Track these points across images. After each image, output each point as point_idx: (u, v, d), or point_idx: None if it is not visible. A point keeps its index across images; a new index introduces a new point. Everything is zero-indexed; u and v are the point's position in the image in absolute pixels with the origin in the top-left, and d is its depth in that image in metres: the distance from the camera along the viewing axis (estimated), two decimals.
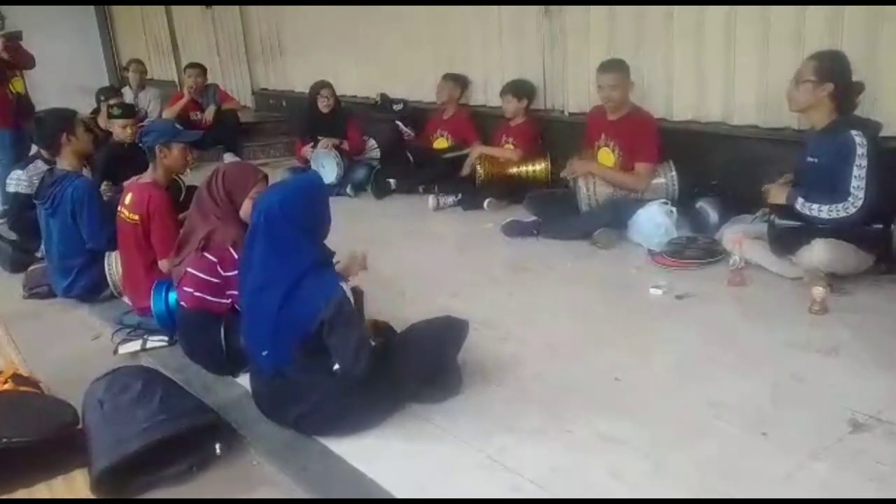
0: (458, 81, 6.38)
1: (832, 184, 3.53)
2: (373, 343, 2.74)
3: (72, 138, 4.28)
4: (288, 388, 2.74)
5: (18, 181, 5.14)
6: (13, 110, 6.59)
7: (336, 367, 2.66)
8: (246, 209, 3.27)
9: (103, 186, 4.88)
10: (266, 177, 3.43)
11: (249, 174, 3.42)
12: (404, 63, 7.18)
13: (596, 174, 4.74)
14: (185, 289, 3.27)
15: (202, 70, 8.14)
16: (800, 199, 3.62)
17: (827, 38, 4.10)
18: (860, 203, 3.46)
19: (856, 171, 3.45)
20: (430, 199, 5.75)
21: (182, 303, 3.32)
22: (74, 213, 4.17)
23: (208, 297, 3.23)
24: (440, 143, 6.39)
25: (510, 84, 5.81)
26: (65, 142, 4.27)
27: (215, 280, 3.22)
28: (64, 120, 4.33)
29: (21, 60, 6.75)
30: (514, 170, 5.67)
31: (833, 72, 3.60)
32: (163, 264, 3.73)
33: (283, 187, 2.92)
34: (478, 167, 5.71)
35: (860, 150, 3.45)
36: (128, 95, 7.82)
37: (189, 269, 3.27)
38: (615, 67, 4.67)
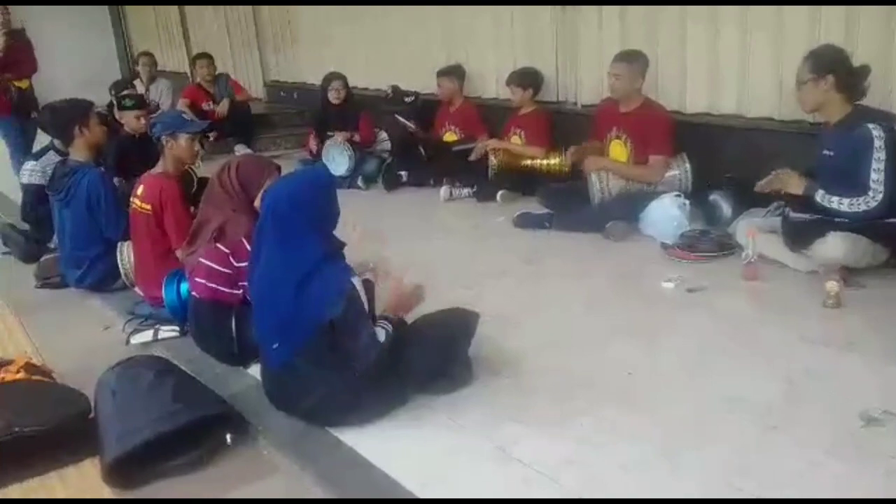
0: (456, 74, 6.32)
1: (850, 178, 3.49)
2: (383, 339, 2.73)
3: (84, 130, 4.28)
4: (298, 379, 2.74)
5: (32, 172, 5.16)
6: (13, 102, 6.74)
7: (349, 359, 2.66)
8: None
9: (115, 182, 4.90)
10: (279, 168, 3.43)
11: (263, 166, 3.44)
12: (416, 55, 7.16)
13: (609, 170, 4.73)
14: (198, 279, 3.27)
15: (211, 59, 8.19)
16: (820, 192, 3.58)
17: (842, 30, 4.06)
18: (881, 197, 3.42)
19: (874, 165, 3.41)
20: (443, 190, 5.74)
21: (194, 293, 3.32)
22: (90, 204, 4.18)
23: (221, 288, 3.23)
24: (449, 136, 6.37)
25: (514, 73, 5.78)
26: (77, 134, 4.27)
27: (228, 271, 3.22)
28: (78, 111, 4.33)
29: (18, 61, 6.84)
30: (528, 162, 5.66)
31: (830, 62, 3.58)
32: (179, 253, 3.73)
33: (290, 180, 2.91)
34: (492, 158, 5.69)
35: (878, 143, 3.41)
36: (139, 88, 7.84)
37: (202, 260, 3.27)
38: (622, 58, 4.72)
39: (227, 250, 3.22)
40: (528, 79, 5.73)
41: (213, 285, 3.23)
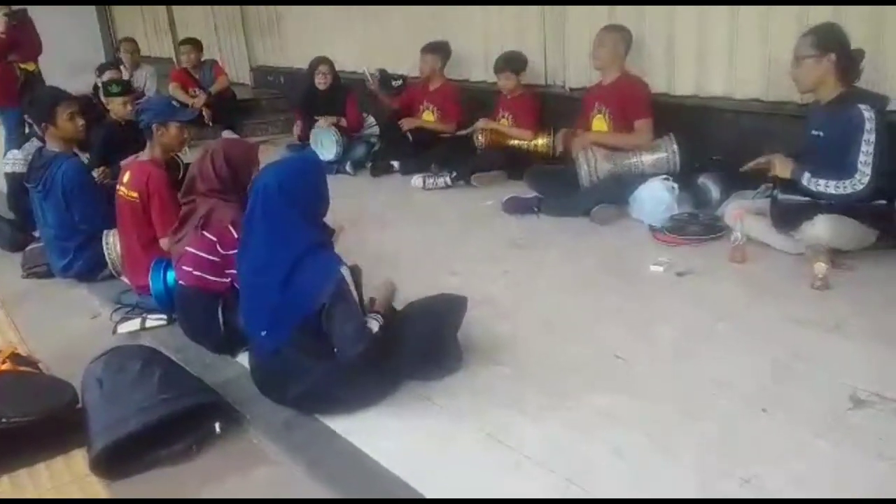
0: (440, 52, 6.24)
1: (838, 158, 3.49)
2: (375, 329, 2.72)
3: (50, 127, 4.20)
4: (286, 367, 2.73)
5: (15, 161, 5.10)
6: (20, 89, 6.55)
7: (335, 349, 2.66)
8: None
9: (98, 172, 4.81)
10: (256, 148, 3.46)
11: (250, 149, 3.45)
12: (403, 39, 7.09)
13: (595, 142, 4.76)
14: (185, 267, 3.25)
15: (196, 45, 8.08)
16: (806, 175, 3.57)
17: (831, 11, 4.03)
18: (867, 179, 3.42)
19: (863, 147, 3.41)
20: (415, 179, 5.71)
21: (181, 281, 3.30)
22: (66, 195, 4.12)
23: (207, 276, 3.21)
24: (427, 115, 6.31)
25: (503, 60, 5.68)
26: (44, 128, 4.23)
27: (215, 259, 3.20)
28: (45, 108, 4.23)
29: (21, 43, 6.67)
30: (514, 141, 5.66)
31: (832, 41, 3.56)
32: (163, 242, 3.70)
33: (280, 167, 2.87)
34: (479, 136, 5.68)
35: (868, 125, 3.40)
36: (122, 75, 7.75)
37: (188, 248, 3.25)
38: (605, 28, 4.86)
39: (213, 238, 3.20)
40: (518, 64, 5.68)
41: (200, 273, 3.21)
